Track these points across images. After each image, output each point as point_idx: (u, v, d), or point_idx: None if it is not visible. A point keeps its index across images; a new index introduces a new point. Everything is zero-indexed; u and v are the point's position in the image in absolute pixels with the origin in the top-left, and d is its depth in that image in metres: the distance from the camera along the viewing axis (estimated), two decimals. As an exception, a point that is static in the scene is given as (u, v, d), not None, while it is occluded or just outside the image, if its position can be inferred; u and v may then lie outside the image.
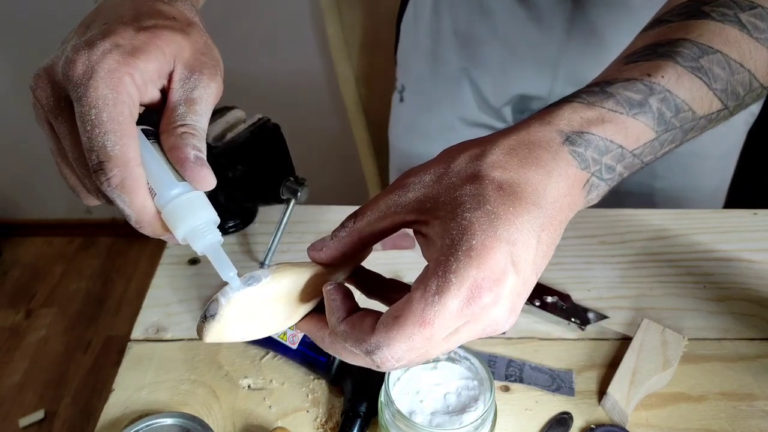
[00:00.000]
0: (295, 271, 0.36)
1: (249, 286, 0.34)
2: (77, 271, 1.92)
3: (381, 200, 0.36)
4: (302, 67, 1.63)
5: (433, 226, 0.33)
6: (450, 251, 0.31)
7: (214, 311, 0.33)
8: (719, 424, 0.51)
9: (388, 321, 0.32)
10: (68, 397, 1.55)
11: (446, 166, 0.35)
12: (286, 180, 0.62)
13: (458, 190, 0.33)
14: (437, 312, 0.31)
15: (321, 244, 0.37)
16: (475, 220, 0.32)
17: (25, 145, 1.85)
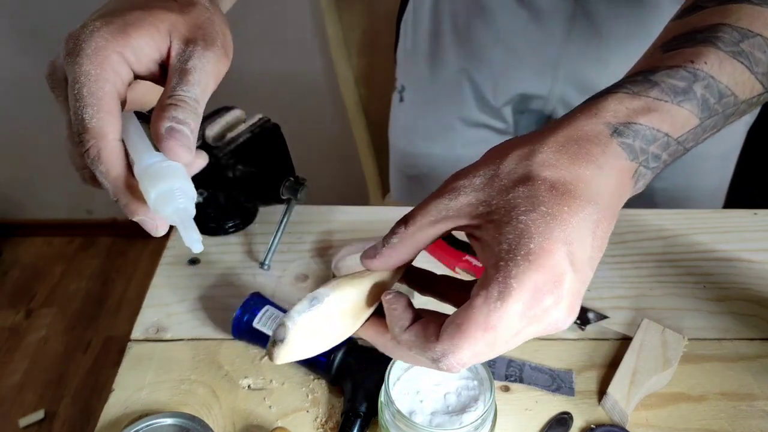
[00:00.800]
0: (353, 284, 0.37)
1: (313, 307, 0.35)
2: (77, 271, 1.92)
3: (431, 205, 0.36)
4: (302, 67, 1.63)
5: (488, 230, 0.33)
6: (509, 256, 0.31)
7: (282, 336, 0.34)
8: (719, 424, 0.51)
9: (451, 329, 0.32)
10: (68, 397, 1.55)
11: (495, 168, 0.35)
12: (286, 180, 0.62)
13: (511, 193, 0.33)
14: (500, 317, 0.31)
15: (373, 251, 0.37)
16: (531, 223, 0.32)
17: (25, 146, 1.85)
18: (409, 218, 0.36)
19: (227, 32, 0.41)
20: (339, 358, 0.52)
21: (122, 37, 0.37)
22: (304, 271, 0.65)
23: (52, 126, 1.80)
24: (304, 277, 0.65)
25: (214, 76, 0.39)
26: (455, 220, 0.35)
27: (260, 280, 0.64)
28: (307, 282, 0.64)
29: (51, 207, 1.99)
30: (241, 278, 0.64)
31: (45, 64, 0.43)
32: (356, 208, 0.73)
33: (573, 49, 0.76)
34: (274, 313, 0.56)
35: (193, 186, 0.36)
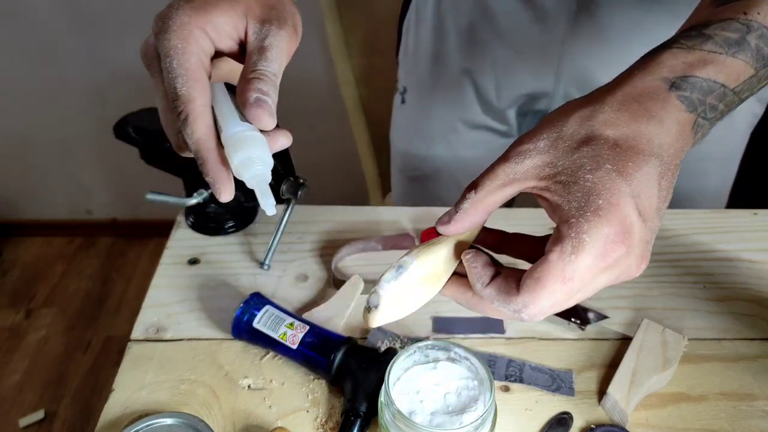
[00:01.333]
0: (432, 250, 0.40)
1: (400, 275, 0.39)
2: (77, 271, 1.92)
3: (498, 169, 0.37)
4: (302, 68, 1.63)
5: (556, 191, 0.36)
6: (578, 213, 0.34)
7: (375, 303, 0.38)
8: (719, 424, 0.51)
9: (530, 282, 0.35)
10: (68, 397, 1.55)
11: (558, 130, 0.37)
12: (286, 180, 0.62)
13: (575, 153, 0.36)
14: (575, 269, 0.34)
15: (447, 218, 0.39)
16: (598, 181, 0.34)
17: (26, 146, 1.85)
18: (478, 183, 0.38)
19: (296, 12, 0.44)
20: (339, 358, 0.52)
21: (204, 14, 0.40)
22: (304, 271, 0.65)
23: (52, 126, 1.81)
24: (304, 277, 0.65)
25: (287, 53, 0.42)
26: (522, 182, 0.37)
27: (260, 280, 0.64)
28: (307, 282, 0.64)
29: (51, 207, 1.99)
30: (241, 278, 0.64)
31: (45, 65, 0.43)
32: (356, 208, 0.73)
33: (576, 48, 0.75)
34: (274, 313, 0.56)
35: (270, 153, 0.40)
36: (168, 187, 0.66)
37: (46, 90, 1.73)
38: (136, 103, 0.73)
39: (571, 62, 0.77)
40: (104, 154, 1.83)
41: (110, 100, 1.71)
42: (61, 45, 1.63)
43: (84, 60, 1.66)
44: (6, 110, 1.77)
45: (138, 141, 0.67)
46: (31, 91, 1.74)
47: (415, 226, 0.70)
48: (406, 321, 0.59)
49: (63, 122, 1.79)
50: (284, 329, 0.54)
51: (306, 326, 0.55)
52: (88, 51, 1.64)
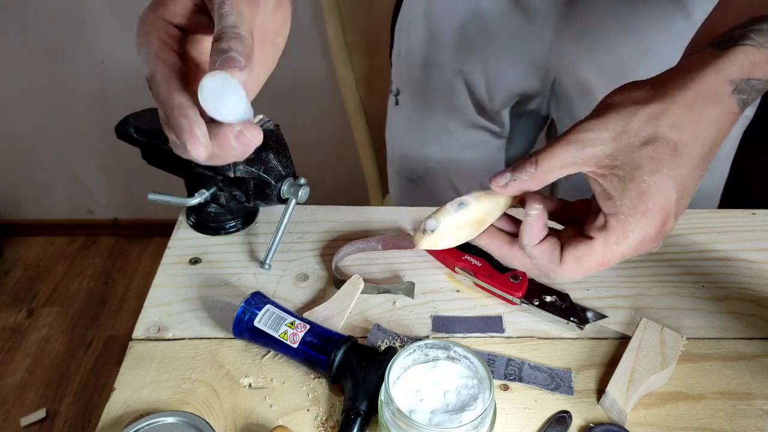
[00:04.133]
0: (489, 199, 0.45)
1: (460, 210, 0.43)
2: (79, 271, 1.92)
3: (560, 151, 0.40)
4: (302, 68, 1.64)
5: (612, 182, 0.39)
6: (629, 212, 0.38)
7: (432, 227, 0.43)
8: (718, 423, 0.51)
9: (572, 260, 0.41)
10: (70, 396, 1.56)
11: (624, 124, 0.38)
12: (286, 180, 0.62)
13: (637, 152, 0.38)
14: (614, 258, 0.40)
15: (503, 179, 0.43)
16: (653, 184, 0.37)
17: (28, 146, 1.85)
18: (540, 160, 0.41)
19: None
20: (339, 357, 0.52)
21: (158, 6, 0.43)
22: (304, 271, 0.66)
23: (54, 126, 1.81)
24: (305, 276, 0.65)
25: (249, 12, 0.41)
26: (580, 166, 0.40)
27: (261, 279, 0.64)
28: (307, 281, 0.64)
29: (53, 207, 2.00)
30: (242, 278, 0.65)
31: (44, 65, 0.44)
32: (356, 208, 0.74)
33: (566, 49, 0.76)
34: (274, 313, 0.56)
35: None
36: (169, 188, 0.66)
37: (48, 90, 1.73)
38: (138, 103, 0.73)
39: (561, 62, 0.77)
40: (106, 155, 1.83)
41: (111, 100, 1.71)
42: (62, 45, 1.63)
43: (85, 60, 1.66)
44: (8, 110, 1.77)
45: (139, 141, 0.67)
46: (32, 91, 1.74)
47: (415, 226, 0.70)
48: (406, 320, 0.60)
49: (65, 122, 1.79)
50: (285, 328, 0.55)
51: (306, 325, 0.55)
52: (89, 51, 1.64)
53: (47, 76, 1.70)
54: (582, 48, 0.75)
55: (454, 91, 0.84)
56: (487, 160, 0.89)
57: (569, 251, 0.41)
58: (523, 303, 0.60)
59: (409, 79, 0.89)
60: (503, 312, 0.60)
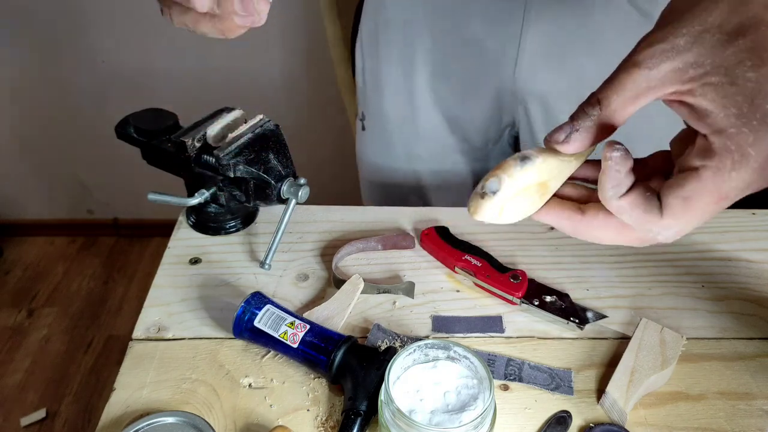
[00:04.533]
0: (553, 155, 0.36)
1: (525, 165, 0.34)
2: (79, 271, 1.92)
3: (627, 79, 0.32)
4: (302, 67, 1.64)
5: (705, 94, 0.30)
6: (741, 121, 0.29)
7: (495, 188, 0.34)
8: (718, 423, 0.51)
9: (678, 203, 0.31)
10: (70, 396, 1.56)
11: (702, 21, 0.30)
12: (286, 180, 0.63)
13: (729, 48, 0.29)
14: (735, 187, 0.30)
15: (562, 134, 0.34)
16: (764, 79, 0.29)
17: (27, 146, 1.85)
18: (603, 98, 0.32)
19: None
20: (339, 357, 0.52)
21: None
22: (304, 271, 0.66)
23: (53, 126, 1.81)
24: (305, 276, 0.65)
25: None
26: (659, 89, 0.31)
27: (261, 279, 0.64)
28: (307, 281, 0.64)
29: (53, 207, 2.00)
30: (242, 278, 0.65)
31: (44, 65, 0.43)
32: (356, 208, 0.74)
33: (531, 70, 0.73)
34: (274, 313, 0.56)
35: None
36: (169, 187, 0.66)
37: (48, 90, 1.73)
38: (138, 103, 0.73)
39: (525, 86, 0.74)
40: (106, 154, 1.83)
41: (111, 100, 1.71)
42: (62, 45, 1.64)
43: (85, 60, 1.66)
44: (7, 110, 1.77)
45: (139, 141, 0.67)
46: (32, 91, 1.74)
47: (415, 226, 0.70)
48: (406, 320, 0.60)
49: (64, 122, 1.79)
50: (285, 328, 0.55)
51: (306, 325, 0.55)
52: (89, 51, 1.64)
53: (47, 76, 1.70)
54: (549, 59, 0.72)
55: (421, 119, 0.81)
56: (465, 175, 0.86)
57: (671, 192, 0.31)
58: (523, 303, 0.60)
59: (373, 107, 0.86)
60: (503, 312, 0.61)
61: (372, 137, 0.87)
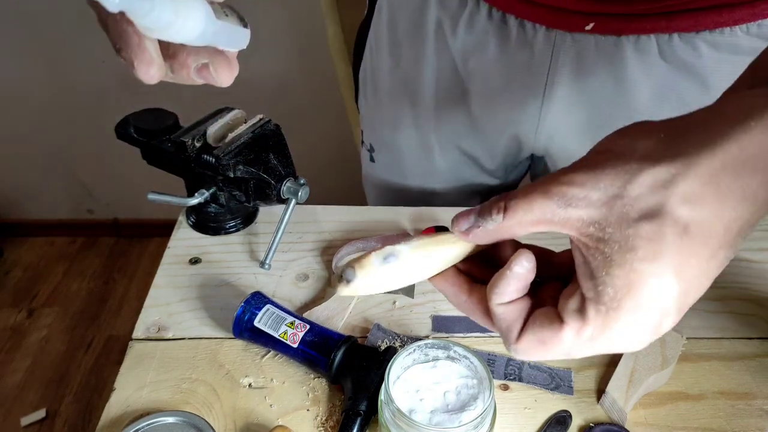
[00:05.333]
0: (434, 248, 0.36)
1: (386, 263, 0.35)
2: (79, 271, 1.92)
3: (536, 204, 0.31)
4: (302, 67, 1.64)
5: (595, 258, 0.30)
6: (612, 305, 0.29)
7: (350, 278, 0.35)
8: (717, 422, 0.51)
9: (533, 341, 0.33)
10: (70, 396, 1.56)
11: (621, 186, 0.29)
12: (286, 180, 0.63)
13: (632, 227, 0.28)
14: (582, 352, 0.31)
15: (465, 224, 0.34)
16: (648, 275, 0.28)
17: (27, 146, 1.85)
18: (509, 209, 0.32)
19: None
20: (339, 357, 0.52)
21: None
22: (304, 271, 0.66)
23: (53, 126, 1.81)
24: (305, 276, 0.65)
25: None
26: (559, 227, 0.31)
27: (261, 279, 0.64)
28: (307, 281, 0.64)
29: (53, 207, 2.00)
30: (242, 278, 0.65)
31: (46, 65, 0.43)
32: (356, 208, 0.74)
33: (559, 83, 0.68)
34: (274, 313, 0.56)
35: None
36: (169, 187, 0.66)
37: (48, 90, 1.73)
38: (138, 103, 0.73)
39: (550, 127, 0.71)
40: (106, 154, 1.83)
41: (111, 100, 1.71)
42: (63, 45, 1.63)
43: (85, 60, 1.66)
44: (8, 110, 1.77)
45: (139, 141, 0.67)
46: (32, 91, 1.74)
47: (415, 225, 0.70)
48: (406, 320, 0.60)
49: (64, 122, 1.79)
50: (285, 328, 0.55)
51: (306, 325, 0.55)
52: (89, 51, 1.64)
53: (47, 76, 1.70)
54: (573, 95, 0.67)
55: (436, 156, 0.79)
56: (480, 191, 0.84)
57: (531, 329, 0.32)
58: (523, 303, 0.60)
59: (382, 139, 0.83)
60: (503, 312, 0.60)
61: (382, 169, 0.86)
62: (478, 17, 0.65)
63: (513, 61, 0.66)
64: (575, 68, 0.64)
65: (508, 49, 0.66)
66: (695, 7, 0.57)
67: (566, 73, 0.65)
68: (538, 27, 0.63)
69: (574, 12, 0.60)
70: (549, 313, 0.33)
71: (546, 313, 0.33)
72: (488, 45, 0.67)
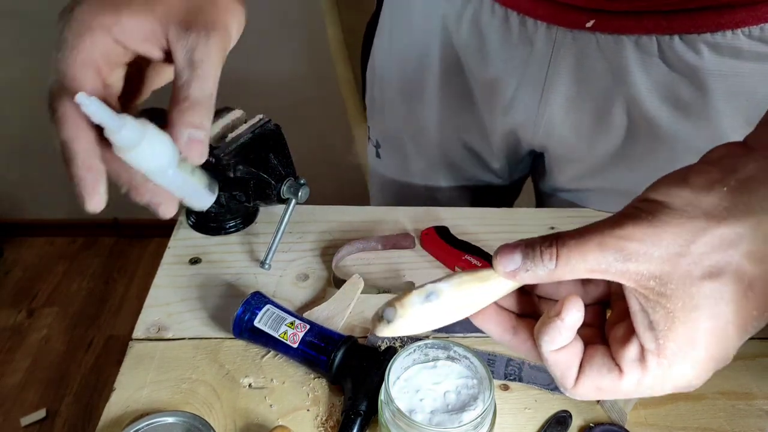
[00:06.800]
0: (476, 285, 0.35)
1: (428, 302, 0.34)
2: (79, 271, 1.92)
3: (590, 254, 0.30)
4: (302, 68, 1.64)
5: (656, 312, 0.30)
6: (675, 359, 0.30)
7: (390, 318, 0.34)
8: (718, 422, 0.51)
9: (591, 388, 0.33)
10: (70, 396, 1.56)
11: (684, 244, 0.29)
12: (286, 180, 0.62)
13: (695, 286, 0.29)
14: (638, 395, 0.33)
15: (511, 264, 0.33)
16: (712, 333, 0.30)
17: (27, 145, 1.85)
18: (562, 257, 0.31)
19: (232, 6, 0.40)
20: (339, 357, 0.52)
21: (110, 13, 0.36)
22: (304, 271, 0.66)
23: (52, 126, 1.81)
24: (305, 276, 0.65)
25: (220, 62, 0.37)
26: (616, 278, 0.30)
27: (261, 279, 0.64)
28: (307, 281, 0.64)
29: (53, 207, 1.99)
30: (242, 278, 0.65)
31: (45, 65, 0.43)
32: (356, 208, 0.74)
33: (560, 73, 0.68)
34: (274, 313, 0.56)
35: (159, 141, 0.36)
36: (169, 187, 0.66)
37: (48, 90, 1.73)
38: (138, 103, 0.73)
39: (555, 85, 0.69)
40: (105, 154, 1.83)
41: (111, 100, 1.71)
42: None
43: (85, 60, 1.66)
44: (7, 110, 1.77)
45: (139, 141, 0.67)
46: (32, 91, 1.74)
47: (415, 226, 0.70)
48: (406, 320, 0.60)
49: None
50: (285, 328, 0.55)
51: (306, 325, 0.55)
52: (89, 51, 1.64)
53: (47, 76, 1.70)
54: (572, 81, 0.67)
55: (439, 150, 0.80)
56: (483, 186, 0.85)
57: (590, 376, 0.32)
58: (523, 303, 0.60)
59: (389, 135, 0.84)
60: (503, 312, 0.60)
61: (388, 164, 0.86)
62: (481, 13, 0.66)
63: (514, 56, 0.67)
64: (575, 66, 0.65)
65: (510, 46, 0.66)
66: (694, 7, 0.57)
67: (566, 72, 0.65)
68: (539, 24, 0.63)
69: (575, 8, 0.60)
70: (605, 359, 0.33)
71: (603, 359, 0.33)
72: (491, 41, 0.67)
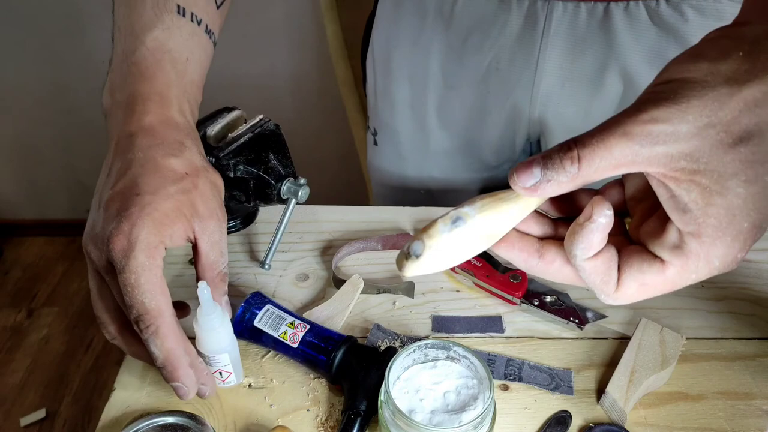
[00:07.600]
0: (499, 207, 0.34)
1: (455, 228, 0.33)
2: (79, 271, 1.92)
3: (616, 147, 0.29)
4: (302, 67, 1.64)
5: (690, 191, 0.29)
6: (716, 234, 0.29)
7: (418, 252, 0.33)
8: (717, 422, 0.51)
9: (635, 287, 0.32)
10: (69, 396, 1.56)
11: (710, 113, 0.28)
12: (286, 180, 0.62)
13: (730, 153, 0.28)
14: (687, 284, 0.31)
15: (530, 179, 0.31)
16: (749, 198, 0.28)
17: (27, 146, 1.85)
18: (584, 158, 0.29)
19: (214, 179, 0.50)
20: (339, 357, 0.52)
21: (163, 229, 0.45)
22: (304, 271, 0.66)
23: (53, 126, 1.81)
24: (305, 276, 0.65)
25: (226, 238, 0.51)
26: (644, 166, 0.29)
27: (261, 279, 0.64)
28: (307, 281, 0.64)
29: (53, 207, 2.00)
30: (242, 278, 0.65)
31: (45, 65, 0.43)
32: (356, 208, 0.74)
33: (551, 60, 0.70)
34: (274, 313, 0.56)
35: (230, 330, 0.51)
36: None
37: (48, 90, 1.73)
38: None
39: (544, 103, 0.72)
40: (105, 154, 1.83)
41: (111, 100, 1.71)
42: (61, 45, 1.64)
43: (85, 60, 1.66)
44: (7, 110, 1.77)
45: (139, 141, 0.67)
46: (32, 91, 1.74)
47: (415, 226, 0.70)
48: (406, 320, 0.60)
49: (64, 122, 1.79)
50: (285, 328, 0.55)
51: (306, 325, 0.55)
52: (89, 51, 1.64)
53: (47, 76, 1.70)
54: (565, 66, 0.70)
55: (433, 139, 0.80)
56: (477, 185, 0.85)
57: (632, 275, 0.32)
58: (523, 303, 0.60)
59: (386, 123, 0.85)
60: (503, 312, 0.61)
61: (384, 152, 0.87)
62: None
63: (508, 29, 0.68)
64: (567, 37, 0.66)
65: (504, 18, 0.68)
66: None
67: (559, 43, 0.67)
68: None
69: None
70: (643, 255, 0.32)
71: (641, 255, 0.32)
72: (486, 14, 0.69)
